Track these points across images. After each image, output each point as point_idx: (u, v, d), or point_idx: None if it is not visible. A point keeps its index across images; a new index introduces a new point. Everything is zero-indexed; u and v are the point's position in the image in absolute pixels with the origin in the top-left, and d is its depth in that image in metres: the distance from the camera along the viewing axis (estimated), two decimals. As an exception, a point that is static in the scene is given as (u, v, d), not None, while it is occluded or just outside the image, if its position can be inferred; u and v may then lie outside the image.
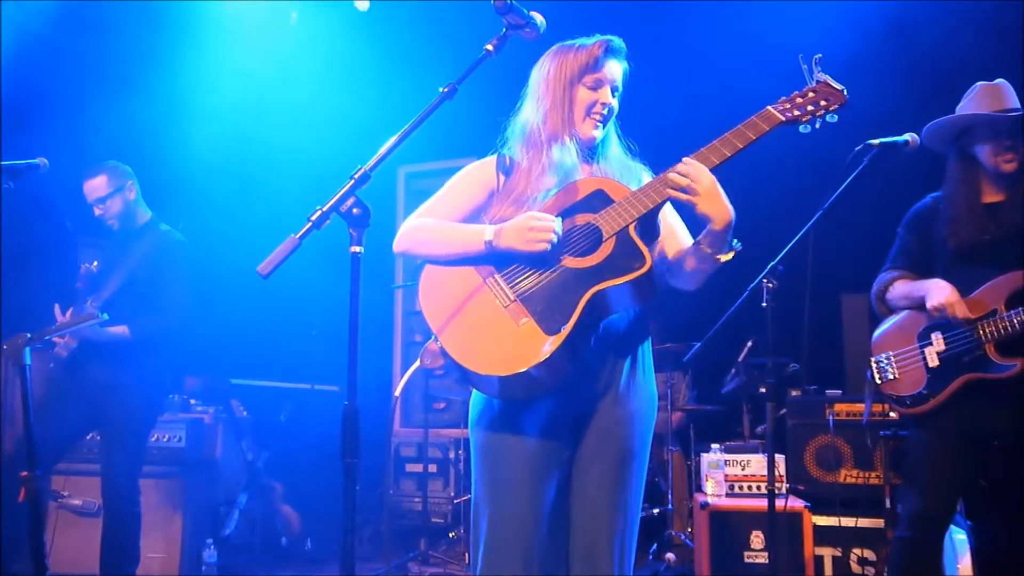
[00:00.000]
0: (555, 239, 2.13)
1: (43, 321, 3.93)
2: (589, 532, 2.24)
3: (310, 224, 1.80)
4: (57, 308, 4.01)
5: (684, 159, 2.14)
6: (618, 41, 2.37)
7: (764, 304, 3.19)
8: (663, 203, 2.16)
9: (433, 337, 2.21)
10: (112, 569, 3.95)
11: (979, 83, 3.20)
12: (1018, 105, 3.11)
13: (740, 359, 5.47)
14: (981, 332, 3.01)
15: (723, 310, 3.74)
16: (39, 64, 5.61)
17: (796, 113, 2.16)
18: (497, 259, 2.22)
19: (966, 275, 3.09)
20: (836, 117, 2.18)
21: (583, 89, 2.33)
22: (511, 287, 2.19)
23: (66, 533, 4.87)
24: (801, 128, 2.18)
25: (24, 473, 2.85)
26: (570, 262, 2.17)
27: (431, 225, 2.31)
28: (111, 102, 5.71)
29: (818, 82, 2.19)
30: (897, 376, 3.18)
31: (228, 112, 6.10)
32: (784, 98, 2.19)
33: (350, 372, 1.79)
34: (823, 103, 2.18)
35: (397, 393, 4.46)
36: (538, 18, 2.17)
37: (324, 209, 1.81)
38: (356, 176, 1.85)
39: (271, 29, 6.36)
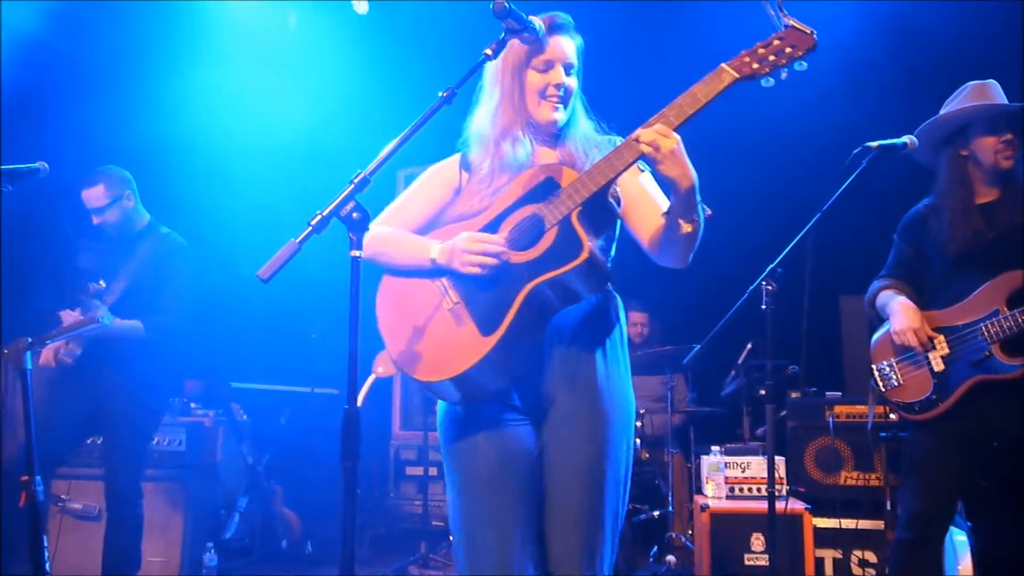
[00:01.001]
0: (493, 261, 2.07)
1: (44, 324, 3.93)
2: (561, 538, 2.16)
3: (310, 229, 1.79)
4: (66, 313, 4.01)
5: (647, 123, 2.02)
6: (564, 17, 2.27)
7: (763, 307, 3.19)
8: (608, 184, 2.06)
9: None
10: (114, 572, 3.95)
11: (969, 83, 3.20)
12: (1008, 103, 3.11)
13: (739, 361, 5.48)
14: (985, 332, 3.01)
15: (722, 312, 3.74)
16: (39, 67, 5.61)
17: (755, 67, 1.99)
18: None
19: (964, 278, 3.09)
20: (805, 64, 2.00)
21: (533, 73, 2.24)
22: (456, 289, 2.16)
23: (67, 537, 4.87)
24: (763, 82, 2.01)
25: (25, 478, 2.85)
26: (514, 257, 2.10)
27: (387, 236, 2.27)
28: (110, 105, 5.72)
29: (786, 27, 1.99)
30: (902, 383, 3.18)
31: (227, 115, 6.10)
32: (745, 50, 2.02)
33: (350, 376, 1.79)
34: (788, 50, 1.98)
35: (359, 403, 4.43)
36: (537, 22, 2.13)
37: (324, 214, 1.80)
38: (356, 180, 1.84)
39: (269, 32, 6.36)
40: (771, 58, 1.99)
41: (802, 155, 5.51)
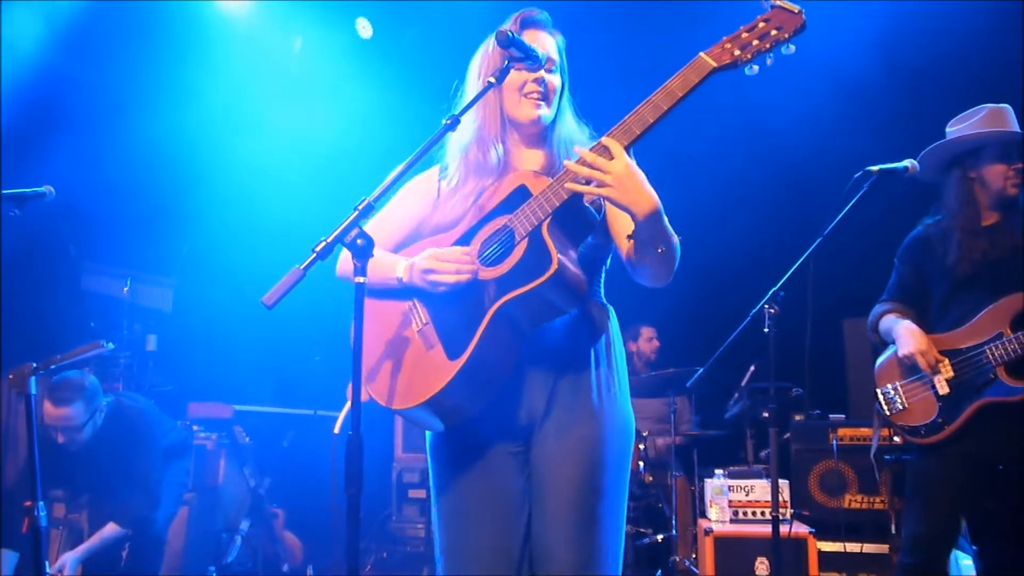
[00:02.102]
0: (455, 279, 1.98)
1: (46, 347, 3.93)
2: (557, 566, 2.01)
3: (314, 255, 1.79)
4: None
5: (599, 141, 1.89)
6: (541, 14, 2.19)
7: (766, 330, 3.19)
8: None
9: None
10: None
11: (986, 105, 3.20)
12: (1019, 130, 3.13)
13: (743, 384, 5.47)
14: (990, 355, 3.02)
15: (726, 335, 3.75)
16: (45, 90, 5.65)
17: (737, 53, 1.86)
18: None
19: (967, 300, 3.10)
20: (793, 47, 1.86)
21: (511, 72, 2.11)
22: (426, 309, 2.08)
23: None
24: (747, 70, 1.87)
25: (28, 503, 2.85)
26: (483, 273, 1.99)
27: None
28: (116, 128, 5.75)
29: (772, 7, 1.87)
30: (907, 406, 3.17)
31: (232, 138, 6.13)
32: (727, 36, 1.90)
33: (354, 402, 1.78)
34: (774, 32, 1.85)
35: (336, 430, 4.43)
36: (540, 50, 2.09)
37: (328, 240, 1.79)
38: (360, 207, 1.83)
39: (275, 56, 6.41)
40: (755, 42, 1.86)
41: (805, 177, 5.52)
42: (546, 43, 2.18)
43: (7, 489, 4.14)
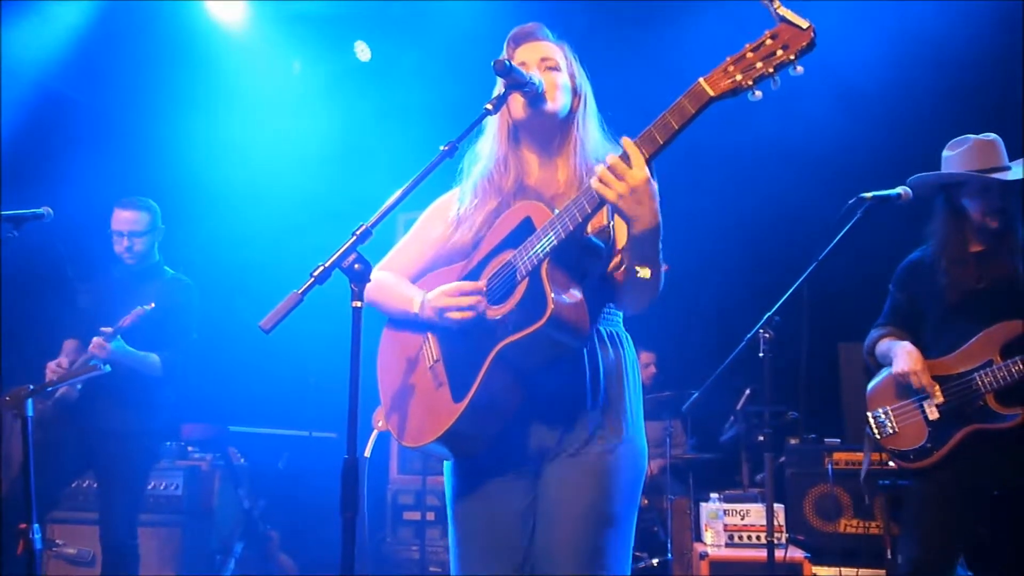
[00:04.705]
0: (471, 314, 1.98)
1: (43, 369, 3.93)
2: None
3: (312, 280, 1.79)
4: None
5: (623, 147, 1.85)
6: (527, 26, 2.21)
7: (761, 354, 3.20)
8: (581, 227, 1.90)
9: None
10: None
11: (971, 137, 3.20)
12: (1008, 163, 3.14)
13: (738, 407, 5.47)
14: (980, 383, 3.03)
15: (721, 359, 3.76)
16: (45, 113, 5.67)
17: (739, 78, 1.71)
18: None
19: (958, 327, 3.12)
20: (801, 68, 1.69)
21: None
22: (439, 344, 2.10)
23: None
24: (749, 96, 1.73)
25: (22, 525, 2.83)
26: (489, 312, 2.00)
27: (382, 283, 2.19)
28: (112, 151, 5.77)
29: (780, 20, 1.69)
30: (897, 430, 3.18)
31: (230, 160, 6.16)
32: (731, 56, 1.75)
33: (349, 426, 1.78)
34: (780, 52, 1.68)
35: (367, 454, 4.44)
36: (536, 78, 2.09)
37: (326, 265, 1.80)
38: (358, 232, 1.84)
39: (273, 79, 6.45)
40: (758, 64, 1.71)
41: (801, 201, 5.55)
42: (543, 49, 2.19)
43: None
